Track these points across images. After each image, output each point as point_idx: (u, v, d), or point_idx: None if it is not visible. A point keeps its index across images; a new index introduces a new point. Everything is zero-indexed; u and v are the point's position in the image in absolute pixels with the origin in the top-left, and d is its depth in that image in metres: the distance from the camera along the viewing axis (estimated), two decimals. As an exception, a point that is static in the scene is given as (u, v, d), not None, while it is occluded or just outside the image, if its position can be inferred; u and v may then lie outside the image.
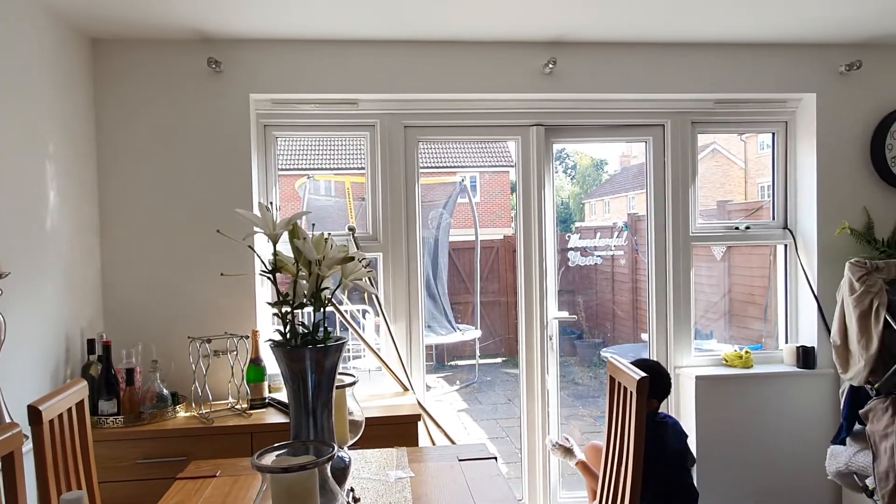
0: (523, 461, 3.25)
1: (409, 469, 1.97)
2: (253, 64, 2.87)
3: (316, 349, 1.33)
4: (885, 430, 2.55)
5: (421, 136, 3.13)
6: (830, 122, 3.16)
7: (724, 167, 8.66)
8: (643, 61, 3.06)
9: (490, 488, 1.82)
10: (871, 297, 2.57)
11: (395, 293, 3.10)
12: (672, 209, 3.25)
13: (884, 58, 3.16)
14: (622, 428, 1.85)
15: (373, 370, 3.15)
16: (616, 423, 1.89)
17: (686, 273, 3.27)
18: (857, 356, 2.63)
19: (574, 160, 13.13)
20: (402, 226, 3.10)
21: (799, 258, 3.27)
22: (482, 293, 7.25)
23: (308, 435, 1.35)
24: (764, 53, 3.11)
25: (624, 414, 1.83)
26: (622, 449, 1.85)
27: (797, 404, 3.17)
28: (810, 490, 3.19)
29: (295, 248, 1.31)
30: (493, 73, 2.99)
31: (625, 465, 1.80)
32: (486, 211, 11.26)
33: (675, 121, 3.23)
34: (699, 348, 3.39)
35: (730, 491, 3.15)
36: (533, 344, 3.21)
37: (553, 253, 3.25)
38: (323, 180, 6.95)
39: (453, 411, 6.05)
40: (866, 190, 3.18)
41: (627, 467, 1.77)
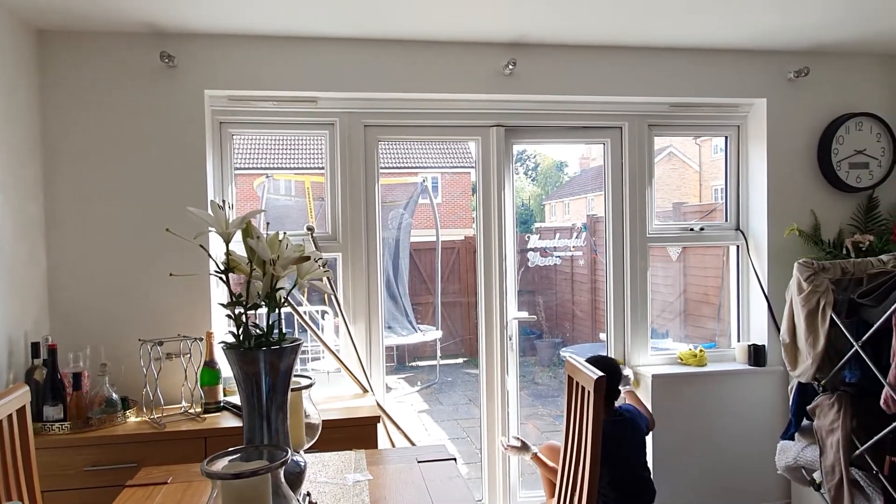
0: (483, 461, 3.25)
1: (368, 472, 1.95)
2: (208, 59, 2.80)
3: (270, 351, 1.30)
4: (830, 426, 2.63)
5: (381, 136, 3.10)
6: (780, 126, 3.26)
7: (680, 170, 8.87)
8: (601, 64, 3.10)
9: (449, 490, 1.81)
10: (817, 296, 2.66)
11: (354, 294, 3.06)
12: (629, 210, 3.30)
13: (830, 65, 3.27)
14: (580, 426, 1.86)
15: (332, 372, 3.11)
16: (574, 421, 1.91)
17: (643, 273, 3.33)
18: (804, 354, 2.71)
19: (535, 161, 13.27)
20: (361, 226, 3.07)
21: (750, 259, 3.36)
22: (443, 294, 7.25)
23: (262, 439, 1.32)
24: (717, 59, 3.19)
25: (582, 413, 1.85)
26: (580, 447, 1.86)
27: (749, 401, 3.26)
28: (761, 484, 3.28)
29: (248, 248, 1.28)
30: (454, 73, 2.98)
31: (583, 463, 1.82)
32: (448, 212, 11.28)
33: (632, 123, 3.28)
34: (656, 347, 3.45)
35: (685, 486, 3.21)
36: (493, 344, 3.21)
37: (513, 253, 3.26)
38: (283, 180, 6.85)
39: (414, 412, 6.03)
40: (814, 193, 3.29)
41: (585, 465, 1.79)
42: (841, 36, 3.02)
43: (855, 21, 2.83)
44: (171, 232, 1.40)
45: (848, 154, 3.24)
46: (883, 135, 3.27)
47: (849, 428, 2.57)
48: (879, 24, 2.87)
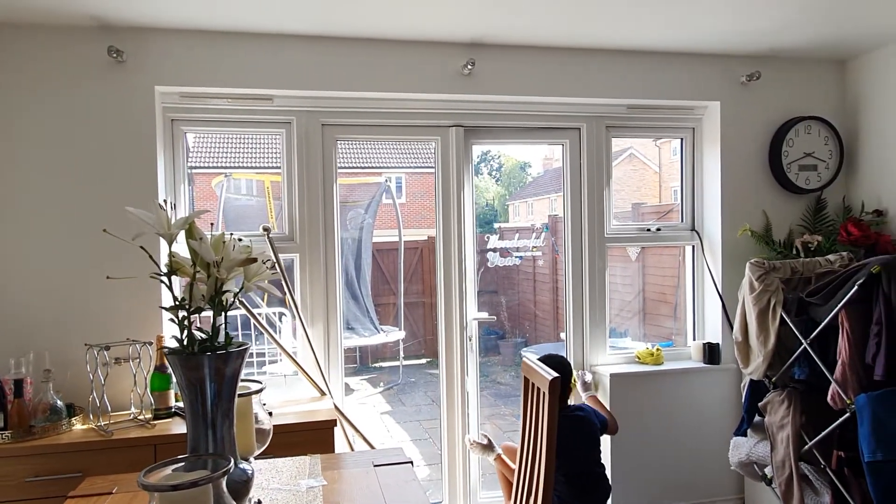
0: (443, 463, 3.24)
1: (322, 477, 1.91)
2: (158, 55, 2.72)
3: (216, 356, 1.25)
4: (781, 422, 2.70)
5: (339, 135, 3.06)
6: (733, 129, 3.32)
7: (641, 171, 9.01)
8: (560, 65, 3.11)
9: (405, 494, 1.79)
10: (768, 295, 2.72)
11: (312, 295, 3.01)
12: (588, 211, 3.33)
13: (781, 70, 3.36)
14: (536, 426, 1.86)
15: (289, 375, 3.06)
16: (530, 421, 1.90)
17: (601, 273, 3.36)
18: (756, 351, 2.77)
19: (500, 162, 13.34)
20: (319, 226, 3.02)
21: (705, 258, 3.42)
22: (406, 294, 7.22)
23: (207, 447, 1.28)
24: (673, 62, 3.24)
25: (537, 413, 1.85)
26: (536, 447, 1.86)
27: (704, 399, 3.32)
28: (715, 480, 3.34)
29: (191, 249, 1.23)
30: (412, 72, 2.96)
31: (538, 462, 1.82)
32: (412, 212, 11.24)
33: (590, 124, 3.31)
34: (614, 346, 3.49)
35: (641, 483, 3.26)
36: (453, 345, 3.20)
37: (472, 254, 3.26)
38: (244, 179, 6.72)
39: (377, 414, 5.98)
40: (765, 194, 3.37)
41: (540, 465, 1.79)
42: (791, 41, 3.10)
43: (804, 27, 2.91)
44: (108, 233, 1.35)
45: (797, 156, 3.33)
46: (830, 138, 3.36)
47: (798, 424, 2.64)
48: (827, 30, 2.96)
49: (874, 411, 2.31)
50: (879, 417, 2.30)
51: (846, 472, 2.54)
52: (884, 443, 2.29)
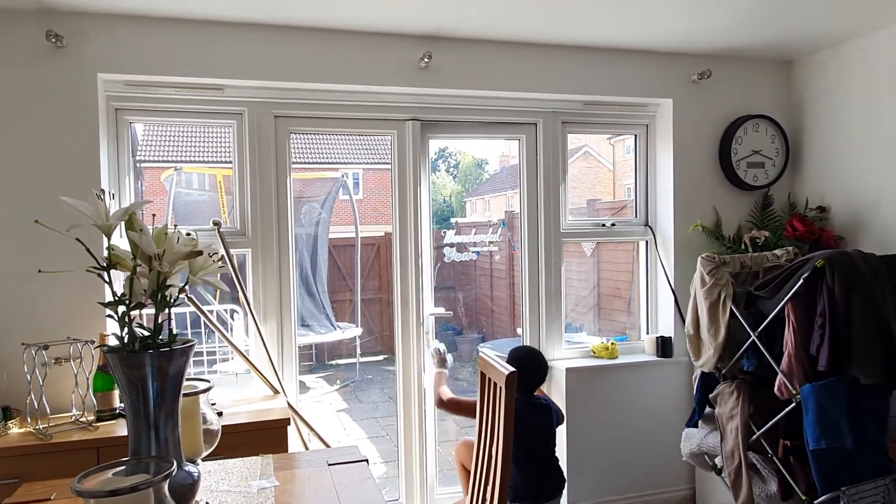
0: (400, 460, 3.21)
1: (274, 478, 1.86)
2: (101, 40, 2.60)
3: (158, 353, 1.20)
4: (730, 413, 2.76)
5: (293, 127, 2.99)
6: (685, 126, 3.39)
7: (595, 168, 9.15)
8: (517, 60, 3.11)
9: (359, 492, 1.76)
10: (719, 289, 2.78)
11: (265, 291, 2.94)
12: (544, 206, 3.34)
13: (730, 69, 3.43)
14: (493, 421, 1.85)
15: (241, 373, 2.98)
16: (487, 416, 1.89)
17: (557, 268, 3.38)
18: (707, 344, 2.83)
19: (457, 159, 13.36)
20: (272, 221, 2.95)
21: (658, 253, 3.48)
22: (363, 290, 7.15)
23: (149, 450, 1.22)
24: (628, 59, 3.28)
25: (494, 408, 1.84)
26: (493, 441, 1.85)
27: (657, 391, 3.38)
28: (668, 471, 3.41)
29: (131, 242, 1.17)
30: (368, 64, 2.91)
31: (495, 456, 1.81)
32: (370, 208, 11.15)
33: (546, 120, 3.32)
34: (570, 341, 3.52)
35: (596, 475, 3.29)
36: (409, 341, 3.17)
37: (429, 249, 3.23)
38: (195, 173, 6.53)
39: (333, 412, 5.91)
40: (716, 191, 3.44)
41: (497, 459, 1.78)
42: (740, 41, 3.17)
43: (752, 28, 2.97)
44: (40, 224, 1.27)
45: (746, 154, 3.42)
46: (777, 136, 3.46)
47: (746, 414, 2.70)
48: (774, 32, 3.03)
49: (818, 401, 2.38)
50: (823, 407, 2.37)
51: (792, 461, 2.61)
52: (827, 431, 2.36)
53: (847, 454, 2.40)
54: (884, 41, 3.04)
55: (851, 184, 3.23)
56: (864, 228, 3.16)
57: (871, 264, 2.47)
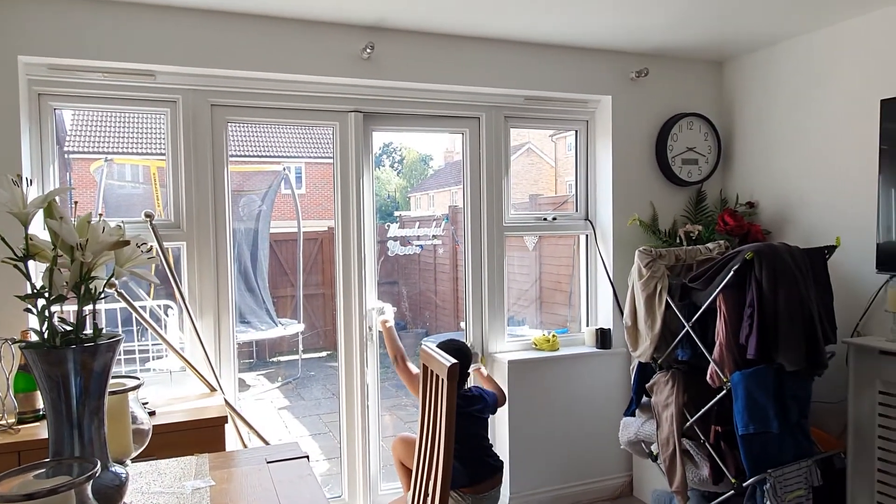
0: (342, 456, 3.17)
1: (210, 477, 1.80)
2: (22, 21, 2.45)
3: (81, 349, 1.13)
4: (666, 401, 2.85)
5: (230, 117, 2.90)
6: (623, 123, 3.46)
7: (538, 165, 9.28)
8: (460, 54, 3.11)
9: (299, 489, 1.72)
10: (655, 281, 2.86)
11: (201, 286, 2.85)
12: (487, 200, 3.36)
13: (666, 68, 3.54)
14: (435, 413, 1.85)
15: (175, 371, 2.87)
16: (429, 408, 1.89)
17: (500, 262, 3.40)
18: (644, 335, 2.91)
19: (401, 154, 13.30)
20: (209, 213, 2.85)
21: (598, 247, 3.55)
22: (305, 286, 7.03)
23: (72, 451, 1.16)
24: (568, 56, 3.32)
25: (436, 400, 1.83)
26: (435, 433, 1.85)
27: (596, 382, 3.45)
28: (607, 459, 3.50)
29: (51, 231, 1.10)
30: (309, 53, 2.85)
31: (437, 448, 1.80)
32: (313, 202, 10.97)
33: (489, 114, 3.34)
34: (512, 334, 3.56)
35: (538, 464, 3.34)
36: (352, 336, 3.14)
37: (372, 243, 3.20)
38: (128, 165, 6.26)
39: (274, 409, 5.79)
40: (652, 186, 3.54)
41: (440, 451, 1.78)
42: (676, 41, 3.27)
43: (688, 28, 3.07)
44: (-53, 212, 1.18)
45: (681, 151, 3.53)
46: (709, 134, 3.59)
47: (681, 402, 2.79)
48: (708, 33, 3.14)
49: (747, 388, 2.48)
50: (751, 393, 2.47)
51: (723, 445, 2.72)
52: (755, 416, 2.47)
53: (773, 438, 2.52)
54: (808, 45, 3.20)
55: (778, 181, 3.38)
56: (790, 223, 3.32)
57: (796, 257, 2.59)
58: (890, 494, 2.69)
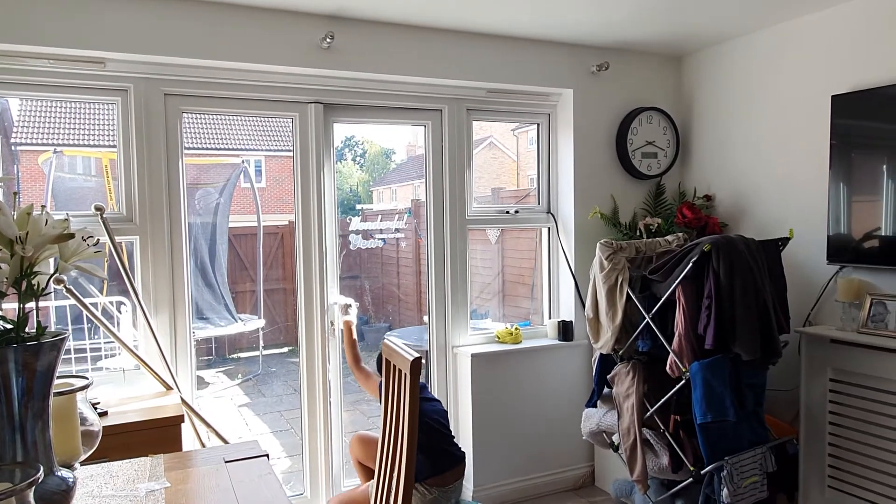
0: (304, 453, 3.13)
1: (165, 479, 1.75)
2: (-42, 3, 2.32)
3: (23, 349, 1.08)
4: (626, 392, 2.89)
5: (185, 107, 2.81)
6: (584, 116, 3.49)
7: (500, 159, 9.32)
8: (421, 45, 3.08)
9: (259, 489, 1.68)
10: (616, 273, 2.89)
11: (156, 281, 2.76)
12: (449, 193, 3.35)
13: (627, 62, 3.57)
14: (398, 408, 1.83)
15: (129, 370, 2.78)
16: (392, 403, 1.87)
17: (463, 255, 3.39)
18: (605, 327, 2.94)
19: (364, 147, 13.18)
20: (163, 207, 2.76)
21: (560, 240, 3.58)
22: (266, 280, 6.91)
23: (14, 455, 1.10)
24: (530, 48, 3.33)
25: (399, 394, 1.81)
26: (398, 427, 1.83)
27: (559, 374, 3.48)
28: (569, 450, 3.53)
29: (-12, 224, 1.04)
30: (267, 42, 2.78)
31: (401, 443, 1.79)
32: (274, 196, 10.79)
33: (451, 107, 3.32)
34: (475, 327, 3.55)
35: (501, 456, 3.36)
36: (313, 331, 3.09)
37: (334, 237, 3.15)
38: (79, 157, 6.04)
39: (234, 407, 5.69)
40: (613, 179, 3.58)
41: (402, 444, 1.76)
42: (636, 36, 3.30)
43: (646, 23, 3.10)
44: None
45: (640, 144, 3.57)
46: (668, 128, 3.64)
47: (641, 392, 2.84)
48: (667, 28, 3.18)
49: (705, 377, 2.53)
50: (709, 383, 2.52)
51: (681, 434, 2.77)
52: (713, 405, 2.51)
53: (730, 426, 2.57)
54: (762, 41, 3.26)
55: (734, 174, 3.45)
56: (745, 215, 3.40)
57: (751, 249, 2.65)
58: (840, 478, 2.78)
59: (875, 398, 2.64)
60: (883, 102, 2.70)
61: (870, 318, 2.73)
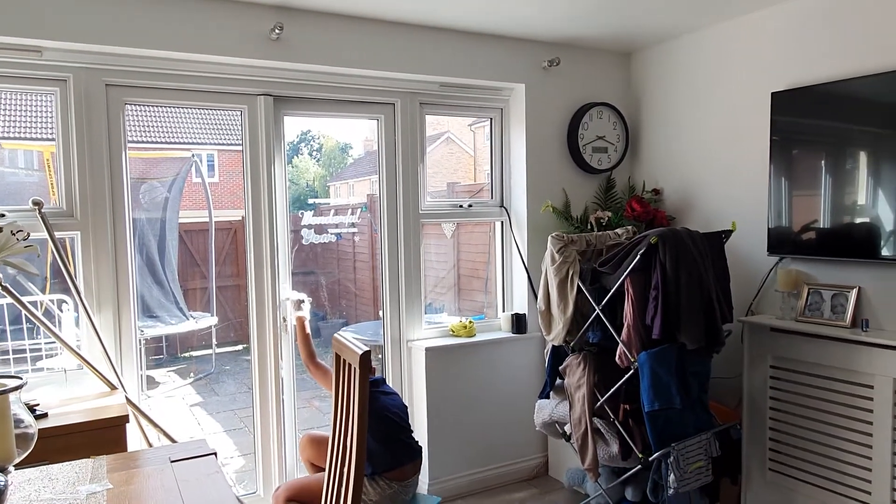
0: (257, 452, 3.08)
1: (107, 480, 1.70)
2: None
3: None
4: (578, 382, 2.93)
5: (127, 98, 2.73)
6: (536, 111, 3.52)
7: (457, 154, 9.34)
8: (373, 38, 3.06)
9: (206, 489, 1.65)
10: (567, 266, 2.93)
11: (98, 278, 2.67)
12: (403, 187, 3.34)
13: (578, 57, 3.62)
14: (348, 402, 1.82)
15: (71, 370, 2.69)
16: (342, 397, 1.86)
17: (417, 250, 3.39)
18: (557, 319, 2.98)
19: (320, 142, 13.02)
20: (106, 201, 2.68)
21: (513, 233, 3.61)
22: (219, 277, 6.77)
23: (-62, 459, 1.05)
24: (482, 43, 3.34)
25: (349, 388, 1.81)
26: (348, 421, 1.82)
27: (512, 366, 3.52)
28: (523, 441, 3.58)
29: None
30: (214, 32, 2.72)
31: (351, 436, 1.78)
32: (227, 191, 10.57)
33: (404, 100, 3.31)
34: (430, 321, 3.56)
35: (457, 449, 3.38)
36: (265, 328, 3.04)
37: (285, 232, 3.11)
38: (21, 150, 5.80)
39: (186, 407, 5.56)
40: (564, 174, 3.63)
41: (353, 439, 1.75)
42: (586, 31, 3.35)
43: (597, 19, 3.14)
44: None
45: (591, 139, 3.63)
46: (618, 123, 3.71)
47: (592, 383, 2.89)
48: (616, 24, 3.23)
49: (652, 367, 2.59)
50: (656, 372, 2.59)
51: (630, 423, 2.83)
52: (660, 394, 2.58)
53: (676, 413, 2.65)
54: (707, 39, 3.35)
55: (681, 169, 3.54)
56: (691, 209, 3.49)
57: (696, 241, 2.72)
58: (780, 461, 2.90)
59: (812, 383, 2.76)
60: (820, 100, 2.81)
61: (807, 307, 2.84)
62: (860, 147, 2.70)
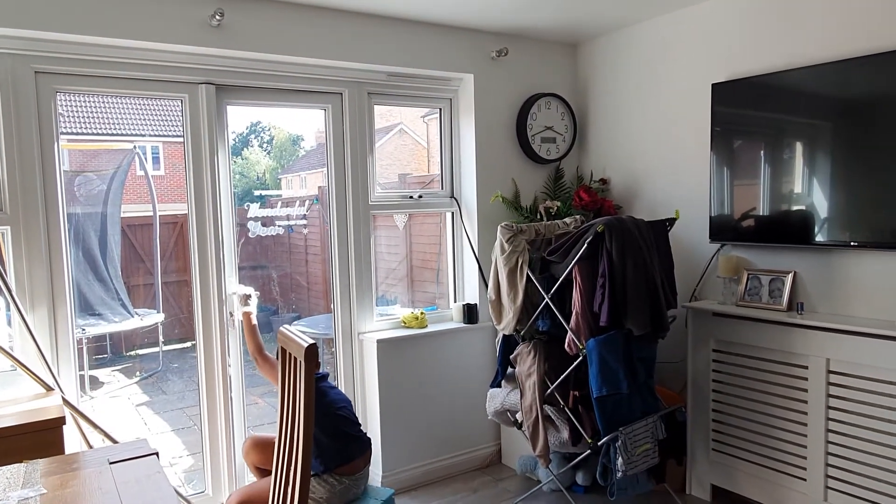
0: (205, 450, 3.01)
1: (41, 485, 1.63)
2: None
3: None
4: (528, 370, 2.97)
5: (59, 86, 2.61)
6: (485, 102, 3.53)
7: (410, 146, 9.30)
8: (318, 26, 3.00)
9: (146, 490, 1.60)
10: (516, 255, 2.95)
11: (31, 275, 2.55)
12: (352, 178, 3.30)
13: (525, 48, 3.63)
14: (293, 396, 1.79)
15: (5, 370, 2.57)
16: (288, 392, 1.83)
17: (367, 241, 3.36)
18: (507, 308, 3.00)
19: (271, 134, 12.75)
20: (38, 195, 2.56)
21: (463, 224, 3.61)
22: (164, 272, 6.56)
23: None
24: (431, 33, 3.32)
25: (294, 382, 1.78)
26: (294, 416, 1.79)
27: (464, 356, 3.53)
28: (476, 430, 3.60)
29: None
30: (151, 18, 2.62)
31: (297, 431, 1.75)
32: (173, 184, 10.23)
33: (352, 90, 3.26)
34: (382, 313, 3.54)
35: (410, 440, 3.37)
36: (211, 324, 2.97)
37: (231, 225, 3.03)
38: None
39: (132, 406, 5.40)
40: (514, 164, 3.65)
41: (299, 433, 1.73)
42: (533, 22, 3.36)
43: (543, 10, 3.16)
44: None
45: (540, 130, 3.66)
46: (566, 114, 3.75)
47: (542, 371, 2.92)
48: (562, 15, 3.25)
49: (600, 353, 2.64)
50: (604, 358, 2.64)
51: (580, 409, 2.88)
52: (608, 380, 2.63)
53: (624, 398, 2.70)
54: (650, 30, 3.41)
55: (627, 158, 3.60)
56: (637, 198, 3.56)
57: (641, 229, 2.78)
58: (722, 441, 3.00)
59: (751, 365, 2.86)
60: (758, 91, 2.89)
61: (746, 292, 2.94)
62: (796, 137, 2.80)
